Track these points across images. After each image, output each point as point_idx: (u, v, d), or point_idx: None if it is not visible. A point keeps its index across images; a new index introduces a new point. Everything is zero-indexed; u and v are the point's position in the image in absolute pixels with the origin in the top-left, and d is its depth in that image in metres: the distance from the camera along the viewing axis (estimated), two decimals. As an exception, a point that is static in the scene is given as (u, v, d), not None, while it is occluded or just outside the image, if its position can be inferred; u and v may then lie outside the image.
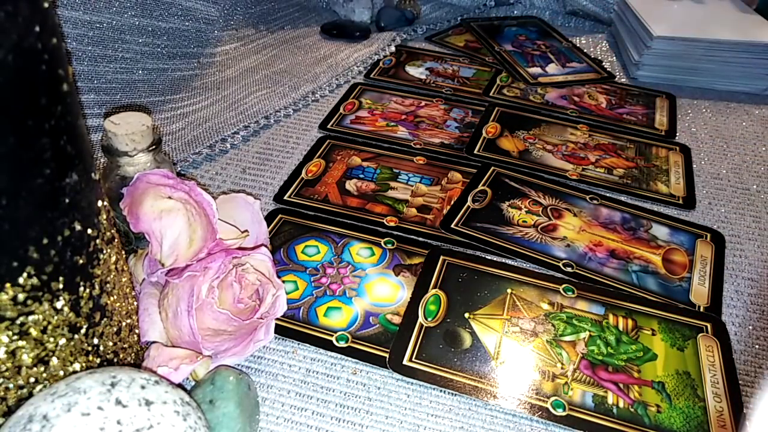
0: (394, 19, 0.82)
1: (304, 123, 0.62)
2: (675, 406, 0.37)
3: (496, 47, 0.78)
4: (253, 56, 0.72)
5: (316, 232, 0.48)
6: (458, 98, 0.67)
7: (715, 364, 0.39)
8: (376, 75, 0.71)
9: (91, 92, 0.57)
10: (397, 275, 0.44)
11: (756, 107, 0.69)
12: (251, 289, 0.38)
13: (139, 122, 0.40)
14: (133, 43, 0.61)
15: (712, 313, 0.43)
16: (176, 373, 0.32)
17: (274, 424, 0.35)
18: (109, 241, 0.29)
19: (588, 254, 0.47)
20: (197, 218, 0.36)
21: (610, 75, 0.73)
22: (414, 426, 0.35)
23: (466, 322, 0.41)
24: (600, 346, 0.40)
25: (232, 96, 0.64)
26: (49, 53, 0.23)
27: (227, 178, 0.54)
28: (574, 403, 0.36)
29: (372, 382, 0.38)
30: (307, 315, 0.41)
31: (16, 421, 0.24)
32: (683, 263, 0.47)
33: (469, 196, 0.52)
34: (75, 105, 0.25)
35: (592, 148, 0.60)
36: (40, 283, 0.25)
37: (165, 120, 0.59)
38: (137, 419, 0.24)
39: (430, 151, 0.58)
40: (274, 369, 0.38)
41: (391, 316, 0.41)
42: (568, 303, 0.43)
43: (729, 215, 0.53)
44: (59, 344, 0.27)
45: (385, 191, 0.53)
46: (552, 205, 0.52)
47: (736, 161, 0.60)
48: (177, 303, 0.35)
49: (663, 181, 0.56)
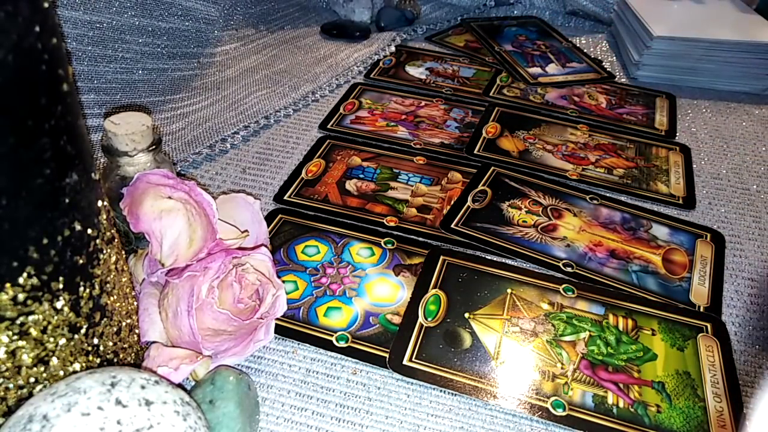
0: (394, 19, 0.82)
1: (304, 123, 0.62)
2: (675, 406, 0.37)
3: (496, 47, 0.78)
4: (253, 56, 0.72)
5: (316, 232, 0.48)
6: (458, 98, 0.67)
7: (715, 364, 0.39)
8: (376, 75, 0.71)
9: (91, 92, 0.57)
10: (397, 275, 0.44)
11: (756, 107, 0.69)
12: (251, 289, 0.38)
13: (139, 122, 0.40)
14: (133, 43, 0.61)
15: (712, 313, 0.43)
16: (176, 373, 0.32)
17: (274, 424, 0.35)
18: (109, 241, 0.29)
19: (588, 254, 0.47)
20: (197, 218, 0.36)
21: (610, 75, 0.73)
22: (414, 426, 0.35)
23: (466, 322, 0.41)
24: (600, 346, 0.40)
25: (232, 96, 0.64)
26: (49, 53, 0.23)
27: (227, 178, 0.54)
28: (574, 403, 0.36)
29: (372, 382, 0.38)
30: (307, 315, 0.41)
31: (16, 421, 0.24)
32: (683, 263, 0.47)
33: (469, 196, 0.52)
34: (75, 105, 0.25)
35: (592, 148, 0.60)
36: (40, 283, 0.25)
37: (165, 120, 0.59)
38: (137, 419, 0.24)
39: (430, 151, 0.58)
40: (274, 369, 0.38)
41: (391, 316, 0.41)
42: (568, 303, 0.43)
43: (729, 215, 0.53)
44: (59, 344, 0.27)
45: (385, 191, 0.53)
46: (552, 205, 0.52)
47: (736, 161, 0.60)
48: (177, 303, 0.35)
49: (663, 181, 0.56)
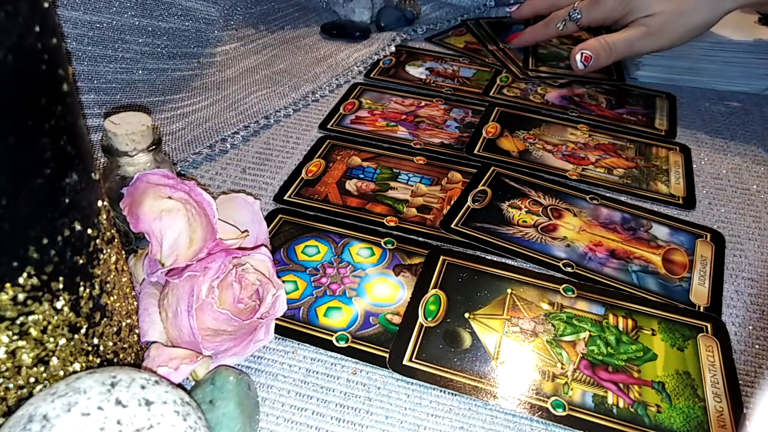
0: (394, 19, 0.82)
1: (304, 123, 0.62)
2: (675, 406, 0.37)
3: (500, 44, 0.78)
4: (253, 56, 0.72)
5: (316, 232, 0.48)
6: (458, 98, 0.67)
7: (715, 364, 0.39)
8: (376, 75, 0.71)
9: (91, 92, 0.57)
10: (397, 275, 0.44)
11: (756, 107, 0.69)
12: (251, 289, 0.38)
13: (139, 122, 0.40)
14: (133, 43, 0.61)
15: (712, 313, 0.43)
16: (176, 373, 0.32)
17: (274, 424, 0.35)
18: (109, 241, 0.29)
19: (588, 254, 0.47)
20: (197, 218, 0.36)
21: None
22: (414, 426, 0.35)
23: (466, 322, 0.41)
24: (600, 346, 0.40)
25: (232, 96, 0.64)
26: (49, 53, 0.23)
27: (227, 178, 0.54)
28: (574, 403, 0.36)
29: (372, 382, 0.38)
30: (307, 315, 0.41)
31: (16, 421, 0.24)
32: (683, 263, 0.47)
33: (469, 196, 0.52)
34: (75, 105, 0.25)
35: (592, 148, 0.60)
36: (40, 283, 0.25)
37: (165, 120, 0.59)
38: (137, 419, 0.24)
39: (430, 151, 0.58)
40: (274, 369, 0.38)
41: (391, 316, 0.41)
42: (568, 303, 0.43)
43: (729, 215, 0.53)
44: (59, 344, 0.27)
45: (385, 191, 0.53)
46: (552, 205, 0.52)
47: (736, 161, 0.60)
48: (177, 303, 0.35)
49: (663, 181, 0.56)
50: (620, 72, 0.74)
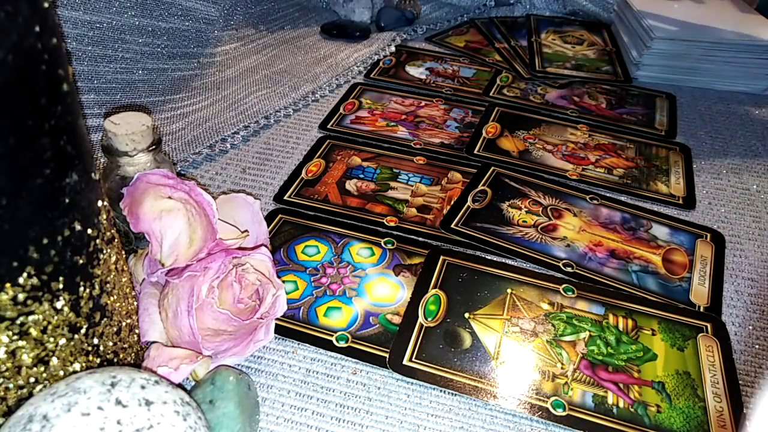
0: (394, 19, 0.82)
1: (304, 123, 0.62)
2: (675, 406, 0.37)
3: (512, 42, 0.78)
4: (253, 56, 0.72)
5: (316, 232, 0.48)
6: (458, 98, 0.67)
7: (715, 364, 0.39)
8: (376, 75, 0.71)
9: (91, 92, 0.57)
10: (397, 275, 0.44)
11: (756, 107, 0.69)
12: (251, 289, 0.38)
13: (139, 122, 0.40)
14: (133, 43, 0.61)
15: (712, 313, 0.43)
16: (176, 373, 0.32)
17: (274, 424, 0.35)
18: (109, 241, 0.29)
19: (588, 254, 0.47)
20: (197, 218, 0.36)
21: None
22: (414, 426, 0.35)
23: (466, 322, 0.41)
24: (600, 346, 0.40)
25: (232, 96, 0.64)
26: (49, 53, 0.23)
27: (227, 178, 0.54)
28: (574, 403, 0.36)
29: (372, 382, 0.38)
30: (307, 315, 0.41)
31: (16, 421, 0.24)
32: (683, 263, 0.47)
33: (469, 196, 0.52)
34: (75, 105, 0.25)
35: (592, 148, 0.60)
36: (40, 283, 0.25)
37: (165, 120, 0.59)
38: (137, 419, 0.24)
39: (430, 151, 0.58)
40: (274, 369, 0.38)
41: (391, 316, 0.41)
42: (568, 303, 0.43)
43: (729, 215, 0.53)
44: (59, 344, 0.27)
45: (385, 191, 0.53)
46: (552, 205, 0.52)
47: (736, 161, 0.60)
48: (177, 303, 0.35)
49: (663, 181, 0.56)
50: (626, 72, 0.74)
